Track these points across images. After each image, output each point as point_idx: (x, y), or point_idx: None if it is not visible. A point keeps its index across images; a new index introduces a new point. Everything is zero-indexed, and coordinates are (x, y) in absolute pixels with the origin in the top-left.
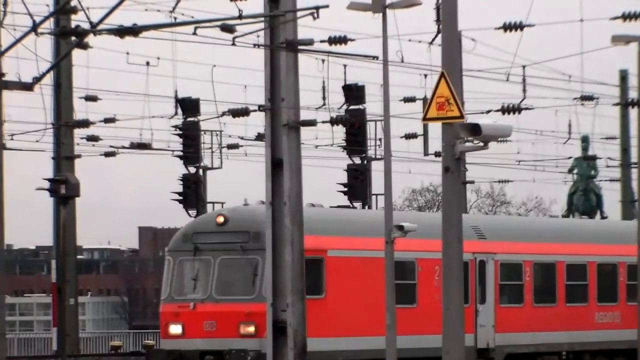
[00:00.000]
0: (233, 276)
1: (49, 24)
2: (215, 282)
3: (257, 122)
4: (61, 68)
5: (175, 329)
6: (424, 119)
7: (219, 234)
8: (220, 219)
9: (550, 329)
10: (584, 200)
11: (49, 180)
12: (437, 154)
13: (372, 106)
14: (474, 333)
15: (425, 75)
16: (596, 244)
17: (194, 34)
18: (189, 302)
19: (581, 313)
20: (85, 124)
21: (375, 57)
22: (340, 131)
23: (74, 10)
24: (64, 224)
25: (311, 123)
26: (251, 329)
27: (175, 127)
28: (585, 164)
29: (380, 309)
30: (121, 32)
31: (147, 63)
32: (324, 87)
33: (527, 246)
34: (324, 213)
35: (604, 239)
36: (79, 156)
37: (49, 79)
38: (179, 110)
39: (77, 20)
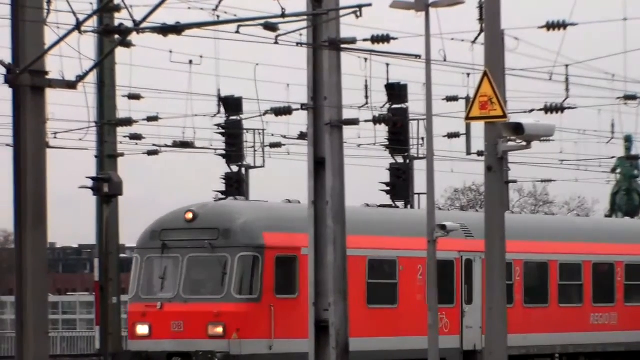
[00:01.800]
0: (202, 275)
1: (93, 22)
2: (183, 281)
3: (300, 121)
4: (104, 66)
5: (142, 329)
6: (467, 118)
7: (188, 231)
8: (189, 216)
9: (542, 330)
10: (627, 200)
11: (92, 178)
12: (479, 153)
13: (415, 105)
14: (459, 335)
15: (468, 75)
16: (592, 242)
17: (237, 32)
18: (156, 302)
19: (575, 314)
20: (128, 122)
21: (417, 56)
22: (382, 130)
23: (118, 8)
24: (107, 223)
25: (354, 122)
26: (219, 329)
27: (218, 125)
28: (629, 164)
29: (354, 309)
30: (164, 30)
31: (190, 62)
32: (366, 86)
33: (518, 245)
34: (298, 210)
35: (600, 238)
36: (122, 154)
37: (92, 78)
38: (222, 109)
39: (121, 18)
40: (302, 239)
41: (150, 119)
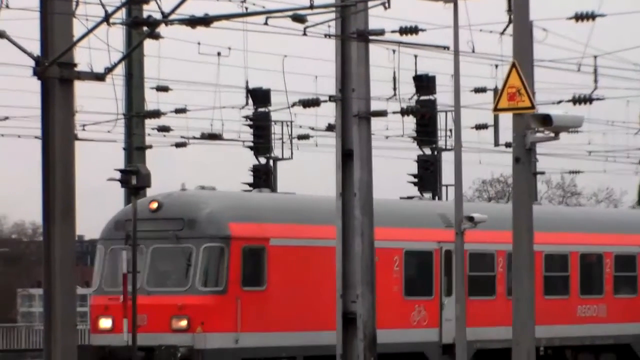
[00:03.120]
0: (166, 266)
1: (121, 14)
2: (147, 273)
3: (328, 112)
4: (133, 58)
5: (105, 323)
6: (495, 109)
7: (152, 221)
8: (154, 205)
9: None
10: None
11: (120, 171)
12: (507, 145)
13: (443, 97)
14: (438, 328)
15: (496, 66)
16: (580, 232)
17: (265, 24)
18: (119, 295)
19: (561, 306)
20: (156, 114)
21: (446, 48)
22: (410, 122)
23: (146, 0)
24: (135, 215)
25: (382, 114)
26: (183, 323)
27: (246, 117)
28: None
29: (327, 302)
30: (192, 22)
31: (218, 53)
32: (394, 78)
33: (501, 235)
34: (268, 199)
35: (588, 228)
36: (150, 147)
37: (120, 70)
38: (250, 101)
39: (149, 10)
40: (271, 229)
41: (178, 110)
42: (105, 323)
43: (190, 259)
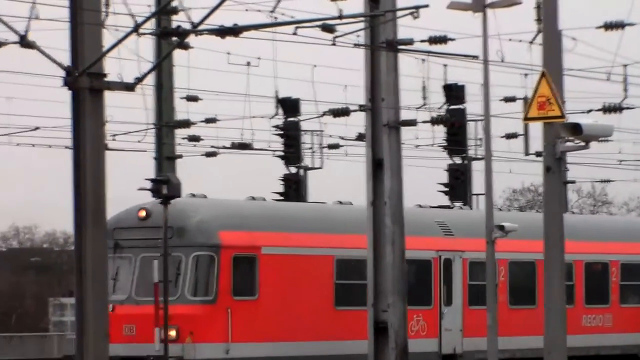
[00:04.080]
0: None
1: (151, 25)
2: (136, 282)
3: (358, 122)
4: (162, 68)
5: None
6: (525, 118)
7: (141, 230)
8: (142, 213)
9: (528, 332)
10: None
11: (151, 180)
12: (538, 154)
13: (473, 106)
14: (437, 337)
15: (526, 75)
16: (584, 241)
17: (295, 34)
18: (108, 304)
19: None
20: (186, 124)
21: (475, 57)
22: (440, 131)
23: (175, 10)
24: (166, 224)
25: (411, 123)
26: (172, 333)
27: (276, 127)
28: None
29: (321, 312)
30: (222, 32)
31: (248, 63)
32: (424, 87)
33: (502, 243)
34: (259, 207)
35: (593, 236)
36: (180, 156)
37: (150, 80)
38: (280, 111)
39: (178, 20)
40: (263, 237)
41: (209, 120)
42: None
43: (179, 268)
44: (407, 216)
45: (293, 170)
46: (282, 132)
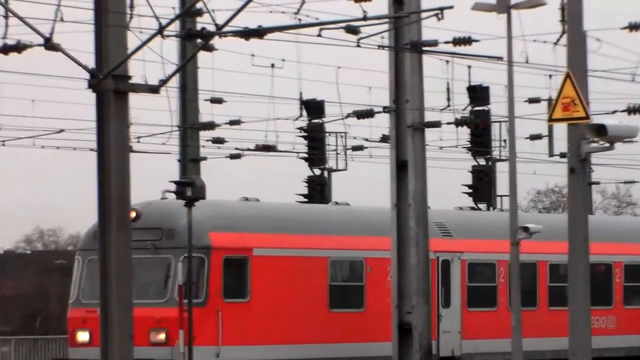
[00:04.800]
0: (144, 278)
1: (175, 27)
2: None
3: (382, 123)
4: (187, 70)
5: (83, 336)
6: (549, 119)
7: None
8: (132, 215)
9: (529, 335)
10: None
11: (175, 182)
12: (562, 155)
13: (497, 107)
14: (436, 340)
15: (550, 76)
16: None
17: (319, 35)
18: (97, 307)
19: (567, 317)
20: (210, 126)
21: (499, 58)
22: (464, 132)
23: (200, 12)
24: (191, 226)
25: (436, 124)
26: (162, 336)
27: (300, 129)
28: None
29: (315, 314)
30: (246, 34)
31: (272, 65)
32: (448, 88)
33: (502, 244)
34: (251, 208)
35: (596, 237)
36: (204, 158)
37: (174, 82)
38: (304, 112)
39: (203, 22)
40: (254, 239)
41: (233, 122)
42: (82, 336)
43: (169, 270)
44: None
45: (317, 172)
46: (306, 134)
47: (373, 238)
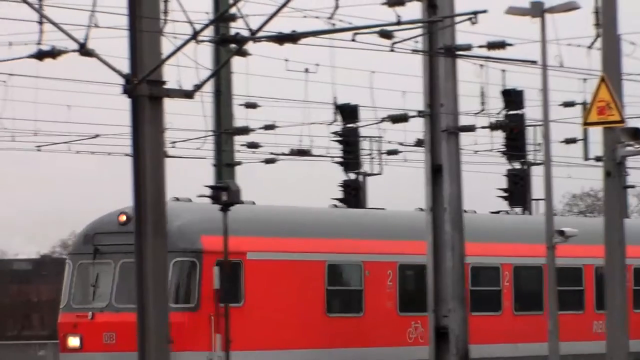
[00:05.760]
0: (135, 282)
1: (209, 32)
2: (116, 289)
3: (417, 127)
4: (221, 75)
5: (74, 341)
6: (585, 123)
7: (121, 235)
8: (123, 218)
9: (535, 339)
10: None
11: (211, 187)
12: (597, 159)
13: (531, 111)
14: None
15: (585, 80)
16: (595, 244)
17: (353, 40)
18: (87, 312)
19: (575, 322)
20: (245, 130)
21: (533, 62)
22: (499, 136)
23: (234, 17)
24: (227, 231)
25: (470, 129)
26: None
27: (335, 133)
28: None
29: (312, 319)
30: (280, 39)
31: (306, 70)
32: (482, 92)
33: (507, 248)
34: (244, 211)
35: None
36: (239, 163)
37: (209, 87)
38: (338, 117)
39: (237, 27)
40: (248, 242)
41: (267, 127)
42: (73, 341)
43: None
44: (405, 220)
45: (352, 176)
46: (341, 139)
47: (372, 241)
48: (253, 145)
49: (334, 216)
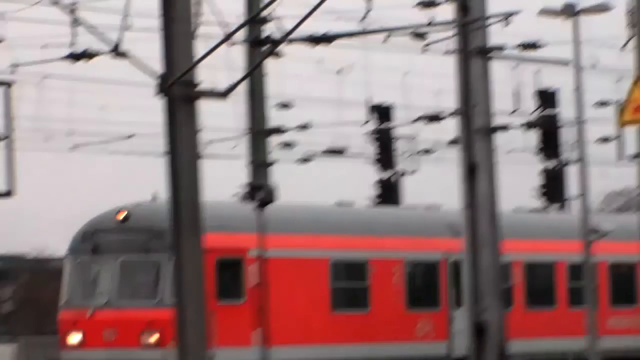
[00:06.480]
0: (135, 279)
1: (242, 34)
2: (116, 286)
3: (451, 127)
4: (254, 76)
5: (74, 338)
6: (620, 122)
7: (120, 232)
8: (122, 215)
9: (548, 334)
10: None
11: (246, 186)
12: (633, 157)
13: (566, 110)
14: (446, 341)
15: (618, 80)
16: (609, 241)
17: (385, 41)
18: (87, 309)
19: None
20: (279, 130)
21: (566, 63)
22: (534, 135)
23: (266, 19)
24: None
25: (504, 128)
26: (154, 338)
27: (369, 133)
28: None
29: (316, 316)
30: (313, 40)
31: (339, 70)
32: (516, 92)
33: (518, 244)
34: (245, 208)
35: (619, 236)
36: (274, 163)
37: (242, 87)
38: (372, 117)
39: (270, 29)
40: (249, 239)
41: (302, 127)
42: (74, 339)
43: (159, 271)
44: (413, 217)
45: (387, 175)
46: (375, 138)
47: (377, 238)
48: (287, 145)
49: (338, 213)
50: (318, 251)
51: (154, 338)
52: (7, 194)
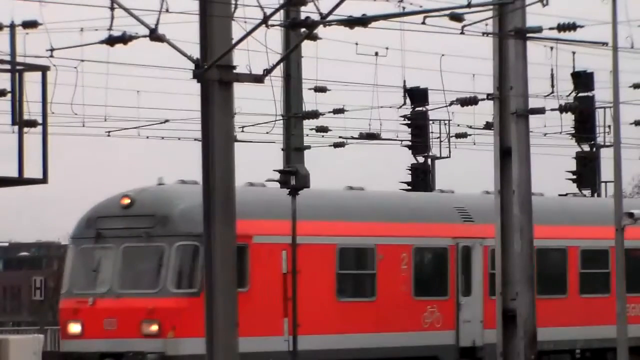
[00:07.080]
0: (137, 267)
1: (279, 16)
2: (117, 274)
3: (486, 110)
4: (291, 59)
5: (74, 327)
6: None
7: (124, 218)
8: (126, 201)
9: (558, 323)
10: None
11: (280, 171)
12: None
13: (601, 93)
14: (455, 329)
15: None
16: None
17: (423, 23)
18: (88, 297)
19: (600, 305)
20: (314, 115)
21: (604, 44)
22: (569, 119)
23: (304, 2)
24: (295, 215)
25: (540, 111)
26: (154, 327)
27: (404, 117)
28: None
29: (321, 304)
30: (350, 22)
31: (376, 53)
32: (552, 75)
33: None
34: (250, 193)
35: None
36: (308, 147)
37: (279, 71)
38: (408, 100)
39: (307, 11)
40: (254, 225)
41: (337, 111)
42: (74, 328)
43: (162, 258)
44: (421, 202)
45: (421, 159)
46: (410, 122)
47: (385, 224)
48: (322, 129)
49: (345, 198)
50: (324, 237)
51: (154, 327)
52: (42, 181)
